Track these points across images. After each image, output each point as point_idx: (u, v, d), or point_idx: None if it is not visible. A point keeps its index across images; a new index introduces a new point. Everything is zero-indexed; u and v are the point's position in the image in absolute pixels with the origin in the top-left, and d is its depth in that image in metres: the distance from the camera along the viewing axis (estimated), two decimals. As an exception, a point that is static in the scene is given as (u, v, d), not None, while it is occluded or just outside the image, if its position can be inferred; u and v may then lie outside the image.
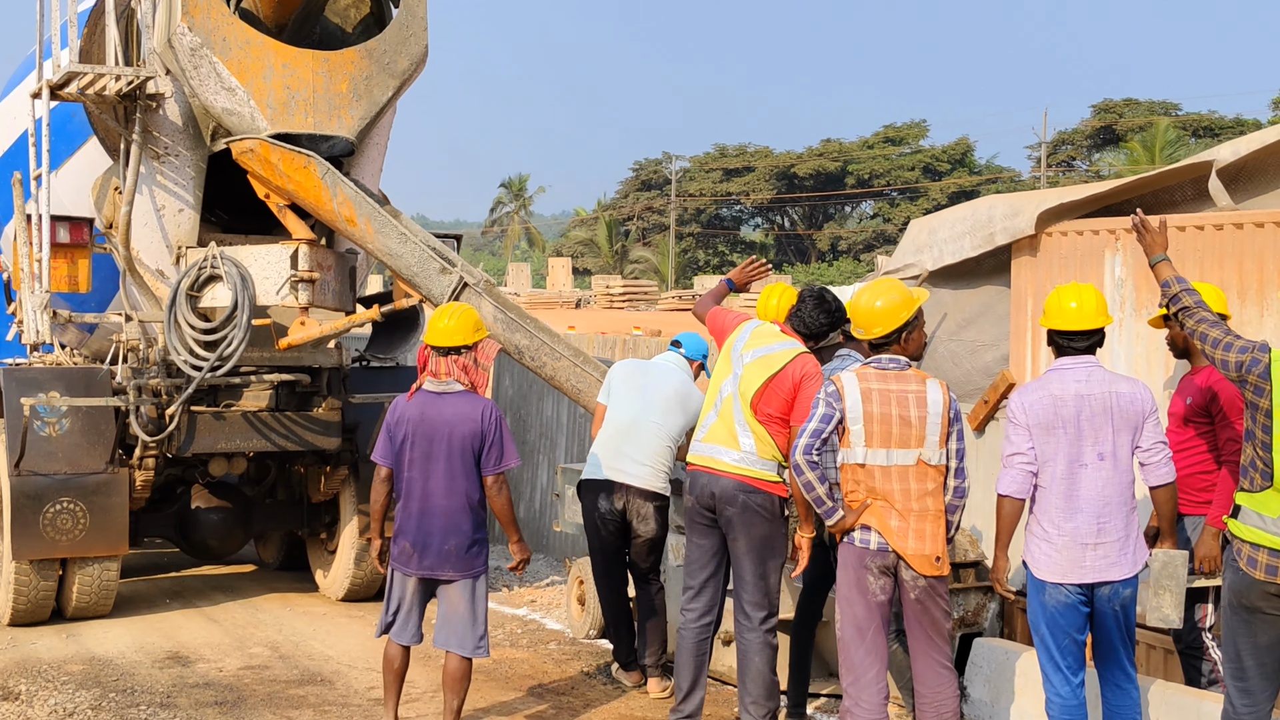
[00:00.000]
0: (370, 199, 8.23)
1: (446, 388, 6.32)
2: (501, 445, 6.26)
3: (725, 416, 6.22)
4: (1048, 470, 5.36)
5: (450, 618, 6.34)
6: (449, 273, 8.19)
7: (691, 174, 73.17)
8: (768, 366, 6.15)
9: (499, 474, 6.26)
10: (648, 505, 7.36)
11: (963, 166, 67.49)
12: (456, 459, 6.23)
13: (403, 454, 6.38)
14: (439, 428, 6.26)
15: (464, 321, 6.39)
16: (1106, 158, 60.06)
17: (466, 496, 6.26)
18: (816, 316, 6.35)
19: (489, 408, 6.28)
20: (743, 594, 6.22)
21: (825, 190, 68.50)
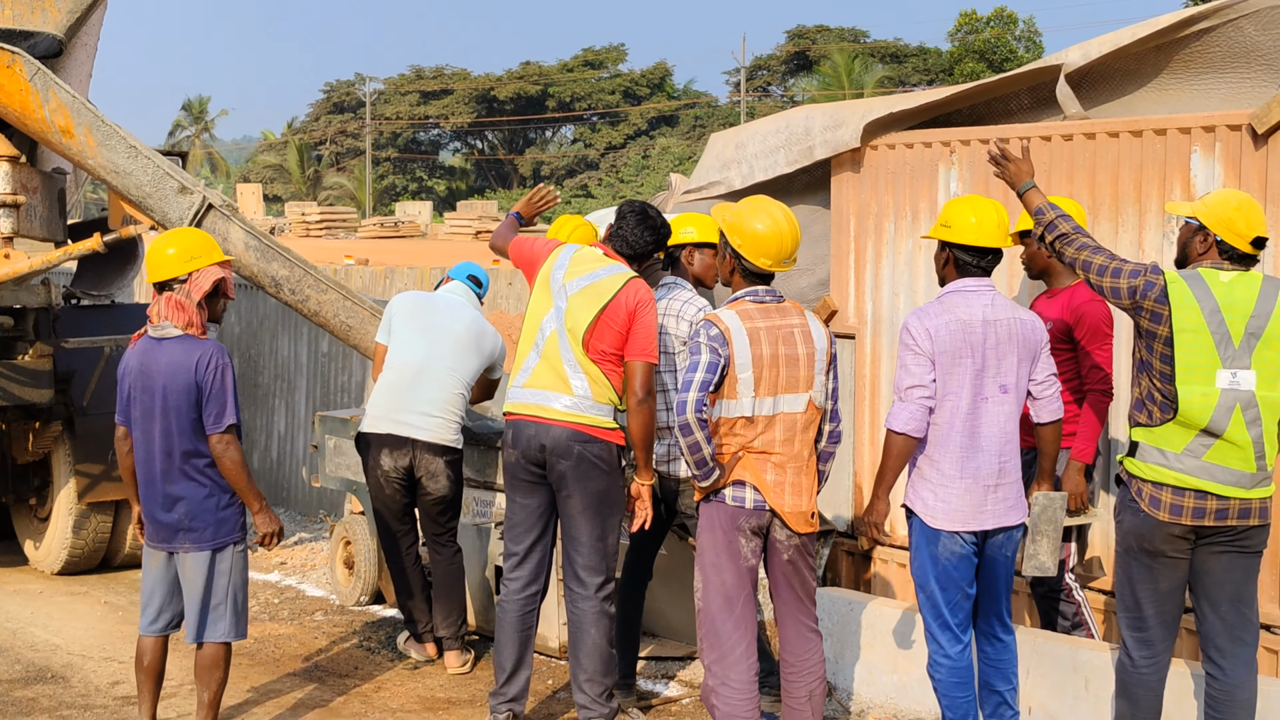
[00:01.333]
0: (91, 106, 6.96)
1: (163, 332, 5.31)
2: (223, 399, 5.30)
3: (550, 357, 5.41)
4: (949, 405, 4.80)
5: (189, 597, 5.38)
6: (189, 193, 7.04)
7: (387, 96, 70.92)
8: (597, 297, 5.36)
9: (223, 432, 5.30)
10: (438, 460, 6.50)
11: (662, 91, 67.80)
12: (173, 416, 5.26)
13: (130, 409, 5.39)
14: (155, 379, 5.28)
15: (180, 249, 5.35)
16: (801, 83, 61.38)
17: (188, 458, 5.29)
18: (641, 234, 5.55)
19: (208, 353, 5.28)
20: (576, 558, 5.47)
21: (526, 114, 67.60)
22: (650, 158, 59.67)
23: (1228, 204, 4.50)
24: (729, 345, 4.66)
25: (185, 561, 5.34)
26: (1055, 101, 6.01)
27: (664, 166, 57.15)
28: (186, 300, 5.30)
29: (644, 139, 64.54)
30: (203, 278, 5.35)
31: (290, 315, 10.96)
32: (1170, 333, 4.42)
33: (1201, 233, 4.52)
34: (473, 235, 52.41)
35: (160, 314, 5.29)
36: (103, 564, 8.87)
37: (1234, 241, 4.46)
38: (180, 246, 5.33)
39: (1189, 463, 4.45)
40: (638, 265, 5.57)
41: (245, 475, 5.34)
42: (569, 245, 5.60)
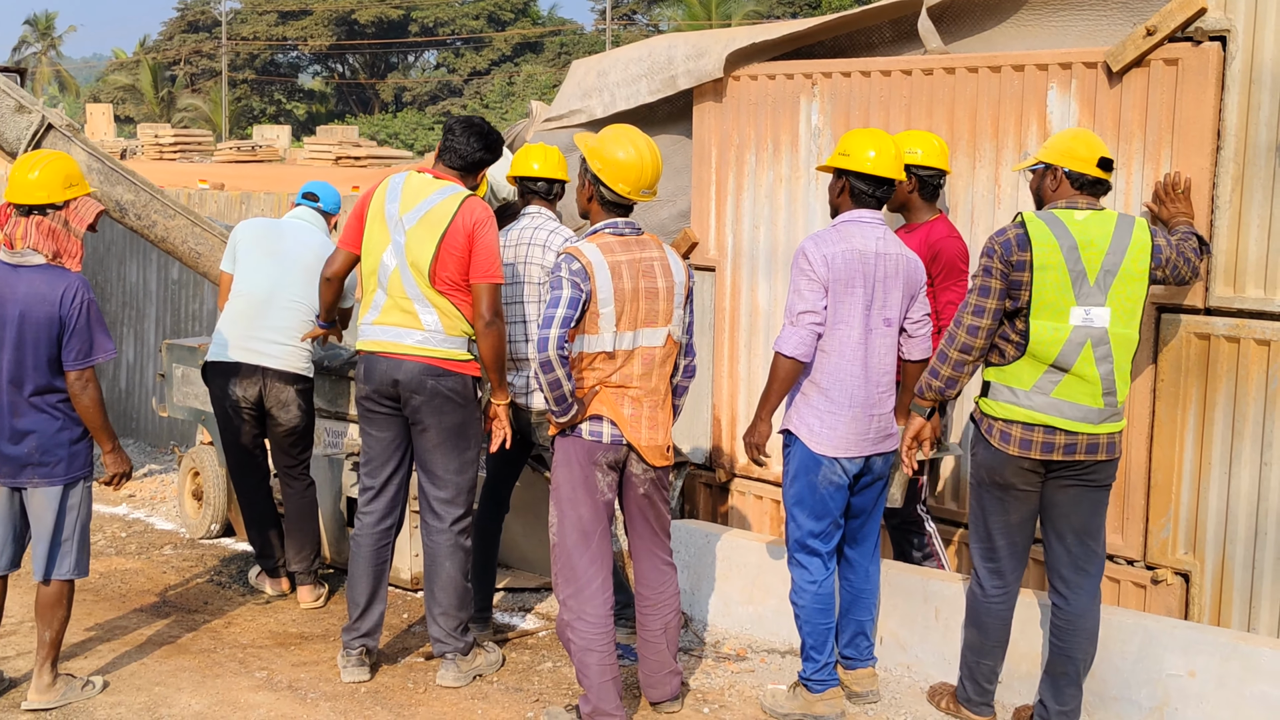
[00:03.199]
0: (-84, 18, 6.57)
1: (23, 259, 5.04)
2: (89, 334, 5.06)
3: (396, 294, 5.25)
4: (840, 332, 4.79)
5: (37, 532, 5.17)
6: (26, 112, 6.70)
7: (243, 16, 68.85)
8: (434, 226, 5.18)
9: (83, 369, 5.08)
10: (289, 389, 6.33)
11: (526, 16, 66.91)
12: (28, 349, 5.01)
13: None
14: (8, 308, 5.01)
15: (53, 173, 5.09)
16: (666, 12, 61.01)
17: (40, 392, 5.05)
18: (469, 142, 5.33)
19: (73, 287, 5.03)
20: (432, 491, 5.36)
21: (387, 38, 66.21)
22: (515, 84, 58.98)
23: (1064, 137, 4.61)
24: (591, 280, 4.57)
25: (34, 497, 5.11)
26: (917, 36, 5.98)
27: (529, 93, 56.54)
28: (63, 229, 5.04)
29: (508, 65, 63.73)
30: (84, 208, 5.09)
31: (140, 242, 10.58)
32: (1030, 274, 4.45)
33: (1050, 172, 4.59)
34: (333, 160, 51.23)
35: (24, 239, 5.00)
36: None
37: (1080, 167, 4.52)
38: (56, 170, 5.05)
39: (1038, 399, 4.50)
40: (472, 179, 5.42)
41: (102, 414, 5.12)
42: (397, 175, 5.42)
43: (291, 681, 5.48)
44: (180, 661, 5.72)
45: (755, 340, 6.56)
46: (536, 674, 5.58)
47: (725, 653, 5.77)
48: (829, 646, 4.99)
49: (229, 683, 5.47)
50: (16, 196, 5.07)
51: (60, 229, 5.09)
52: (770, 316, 6.47)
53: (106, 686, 5.38)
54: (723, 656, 5.73)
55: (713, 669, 5.61)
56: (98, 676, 5.42)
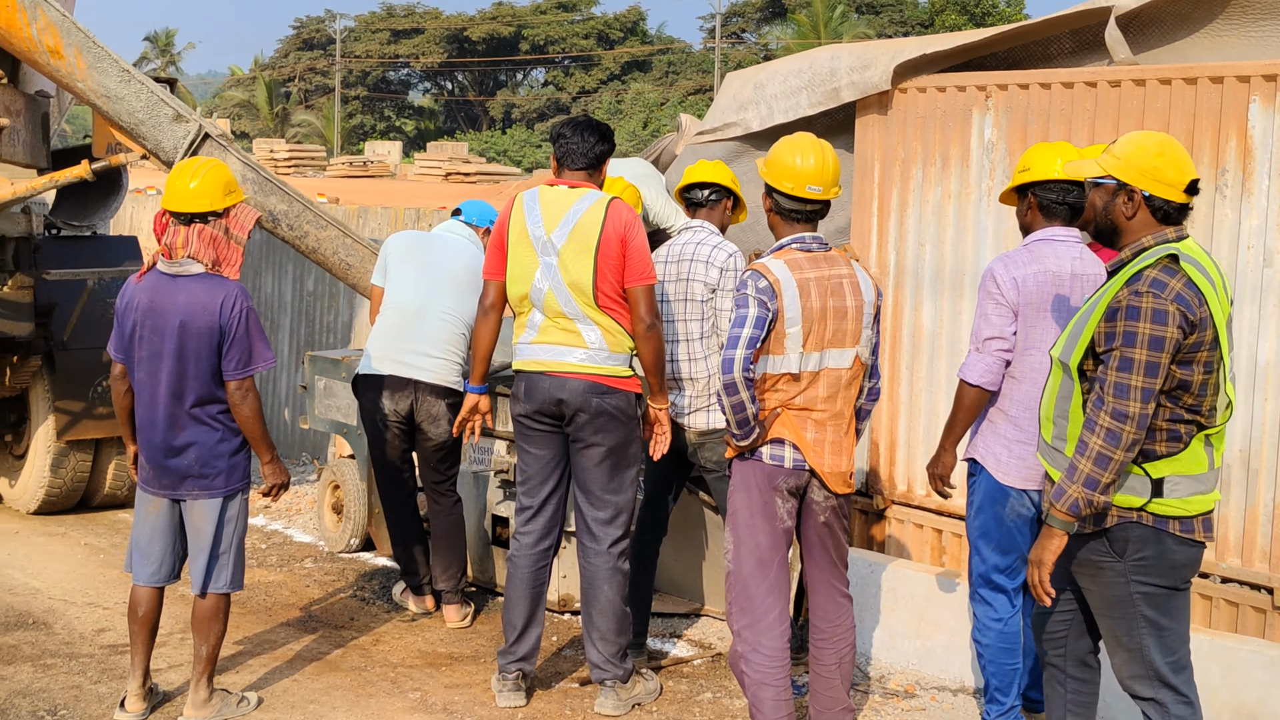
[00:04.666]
0: (81, 27, 6.56)
1: (182, 268, 4.96)
2: (249, 343, 4.97)
3: (554, 314, 5.07)
4: (1030, 358, 4.53)
5: (196, 545, 5.09)
6: (184, 121, 6.67)
7: (357, 34, 69.89)
8: (585, 241, 5.00)
9: (243, 379, 4.98)
10: (440, 404, 6.21)
11: (635, 35, 67.10)
12: (189, 359, 4.92)
13: (133, 349, 5.04)
14: (168, 319, 4.92)
15: (213, 180, 5.00)
16: (775, 31, 60.79)
17: (201, 404, 4.98)
18: (585, 139, 5.16)
19: (232, 295, 4.95)
20: (591, 512, 5.19)
21: (497, 56, 66.76)
22: (624, 102, 59.06)
23: (1147, 150, 3.70)
24: (778, 298, 4.36)
25: (193, 509, 5.03)
26: (1098, 46, 5.72)
27: (637, 112, 56.62)
28: (224, 237, 4.97)
29: (616, 84, 63.92)
30: (244, 215, 5.03)
31: (275, 251, 10.60)
32: (1213, 333, 3.65)
33: (1125, 193, 3.71)
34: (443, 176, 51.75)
35: (184, 248, 4.94)
36: (80, 504, 8.55)
37: (1167, 193, 3.68)
38: (216, 177, 4.98)
39: (1211, 478, 3.76)
40: (599, 175, 5.25)
41: (261, 424, 5.03)
42: (528, 192, 5.25)
43: (446, 704, 5.33)
44: (332, 679, 5.60)
45: (918, 362, 6.31)
46: (696, 704, 5.38)
47: (892, 689, 5.52)
48: (1015, 689, 4.72)
49: (383, 704, 5.34)
50: (176, 204, 5.00)
51: (221, 236, 5.01)
52: (935, 338, 6.23)
53: (261, 703, 5.28)
54: (890, 693, 5.48)
55: (880, 706, 5.36)
56: (252, 693, 5.32)
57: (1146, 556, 3.68)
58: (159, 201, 5.25)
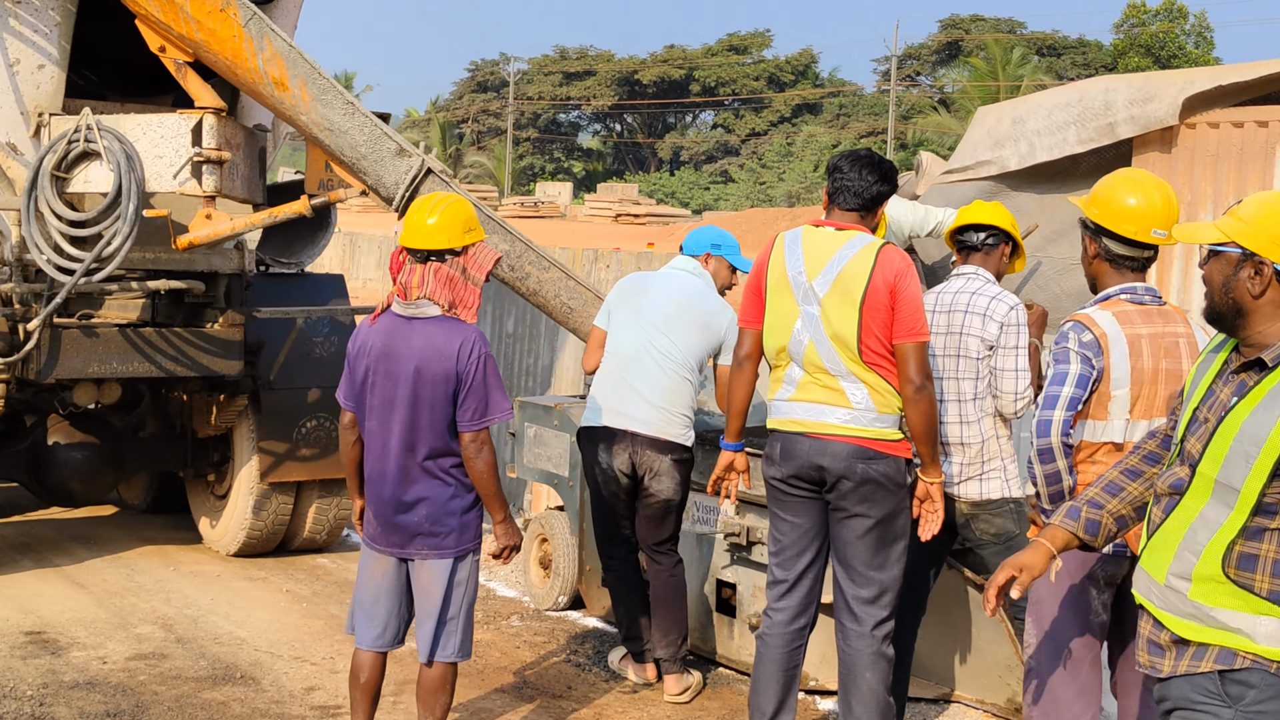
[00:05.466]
0: (307, 58, 6.35)
1: (418, 310, 4.63)
2: (485, 392, 4.60)
3: (815, 368, 4.60)
4: None
5: (424, 609, 4.72)
6: (406, 156, 6.41)
7: (529, 77, 70.81)
8: (851, 291, 4.53)
9: (479, 430, 4.62)
10: (662, 459, 5.78)
11: (806, 78, 66.70)
12: (423, 408, 4.58)
13: (364, 396, 4.72)
14: (403, 364, 4.60)
15: (453, 217, 4.67)
16: (951, 74, 59.75)
17: (434, 456, 4.62)
18: (863, 177, 4.68)
19: (470, 340, 4.60)
20: (852, 589, 4.69)
21: (667, 98, 66.95)
22: (794, 145, 58.60)
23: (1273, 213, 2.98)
24: (1104, 355, 3.85)
25: (422, 570, 4.68)
26: None
27: (809, 154, 56.08)
28: (460, 277, 4.64)
29: (786, 126, 63.53)
30: (482, 255, 4.69)
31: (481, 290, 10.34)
32: None
33: (1250, 264, 2.99)
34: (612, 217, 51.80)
35: (419, 288, 4.62)
36: (279, 547, 8.34)
37: None
38: (456, 214, 4.67)
39: None
40: (872, 218, 4.76)
41: (496, 480, 4.66)
42: (790, 233, 4.79)
43: (683, 792, 4.89)
44: (557, 757, 5.20)
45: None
46: (962, 806, 4.84)
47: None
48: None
49: (615, 788, 4.92)
50: (413, 241, 4.69)
51: (458, 277, 4.67)
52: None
53: (486, 782, 4.90)
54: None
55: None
56: (476, 769, 4.94)
57: (1265, 711, 2.99)
58: (377, 240, 4.94)
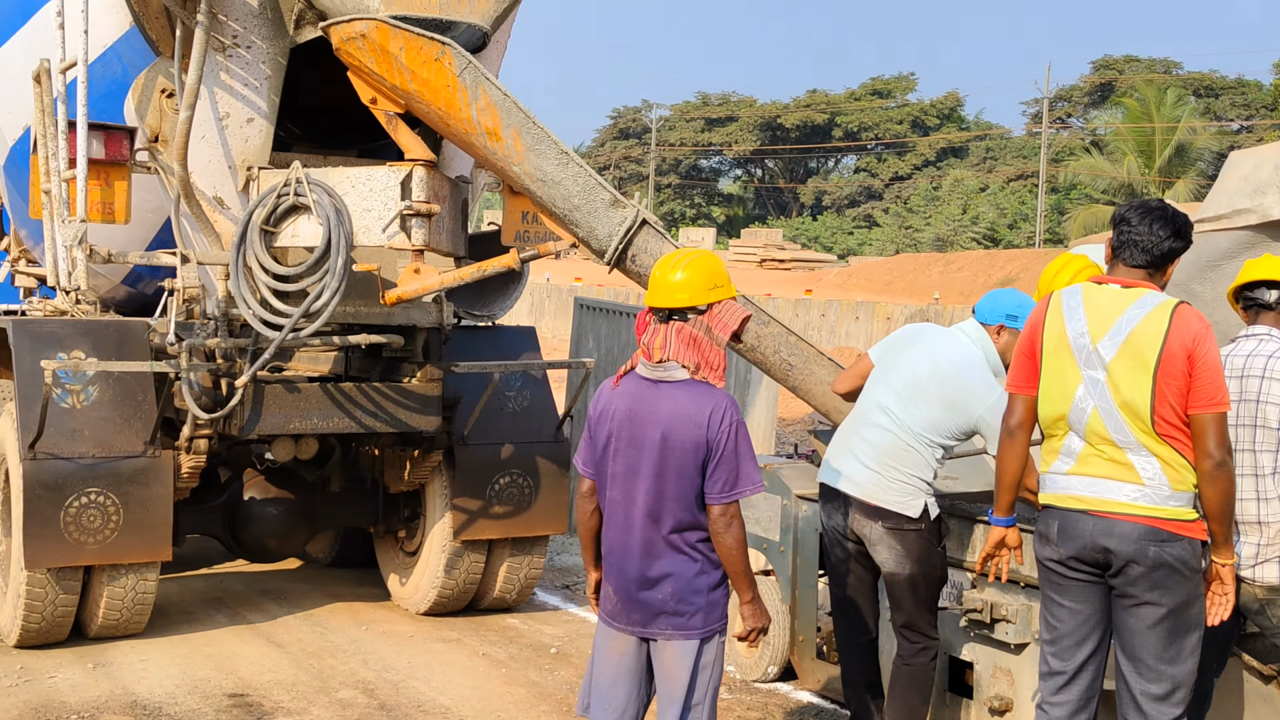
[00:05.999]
0: (522, 107, 6.17)
1: (665, 373, 4.35)
2: (736, 463, 4.29)
3: (1099, 439, 4.22)
4: None
5: (667, 694, 4.40)
6: (621, 207, 6.18)
7: (671, 123, 71.07)
8: (1143, 355, 4.16)
9: (729, 503, 4.31)
10: (873, 526, 5.33)
11: (951, 121, 65.85)
12: (670, 478, 4.29)
13: (605, 462, 4.44)
14: (648, 430, 4.31)
15: (698, 272, 4.39)
16: (1103, 116, 58.44)
17: (680, 529, 4.32)
18: (1153, 231, 4.30)
19: (721, 407, 4.29)
20: (1140, 684, 4.27)
21: (810, 142, 66.63)
22: (941, 189, 57.77)
23: None
24: None
25: (665, 651, 4.38)
26: None
27: (955, 198, 55.24)
28: (705, 337, 4.36)
29: (930, 169, 62.73)
30: (728, 313, 4.40)
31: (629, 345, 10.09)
32: None
33: None
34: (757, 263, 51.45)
35: (662, 349, 4.36)
36: (470, 606, 8.14)
37: None
38: (700, 269, 4.40)
39: None
40: (1161, 277, 4.37)
41: (745, 556, 4.35)
42: (1068, 290, 4.41)
43: None
44: None
45: None
46: None
47: None
48: None
49: None
50: (656, 299, 4.43)
51: (702, 337, 4.39)
52: None
53: None
54: None
55: None
56: None
57: None
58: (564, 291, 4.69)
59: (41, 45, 7.43)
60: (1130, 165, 47.91)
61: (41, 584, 6.84)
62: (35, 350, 6.87)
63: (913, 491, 5.36)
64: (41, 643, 7.03)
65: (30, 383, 6.83)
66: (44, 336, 6.98)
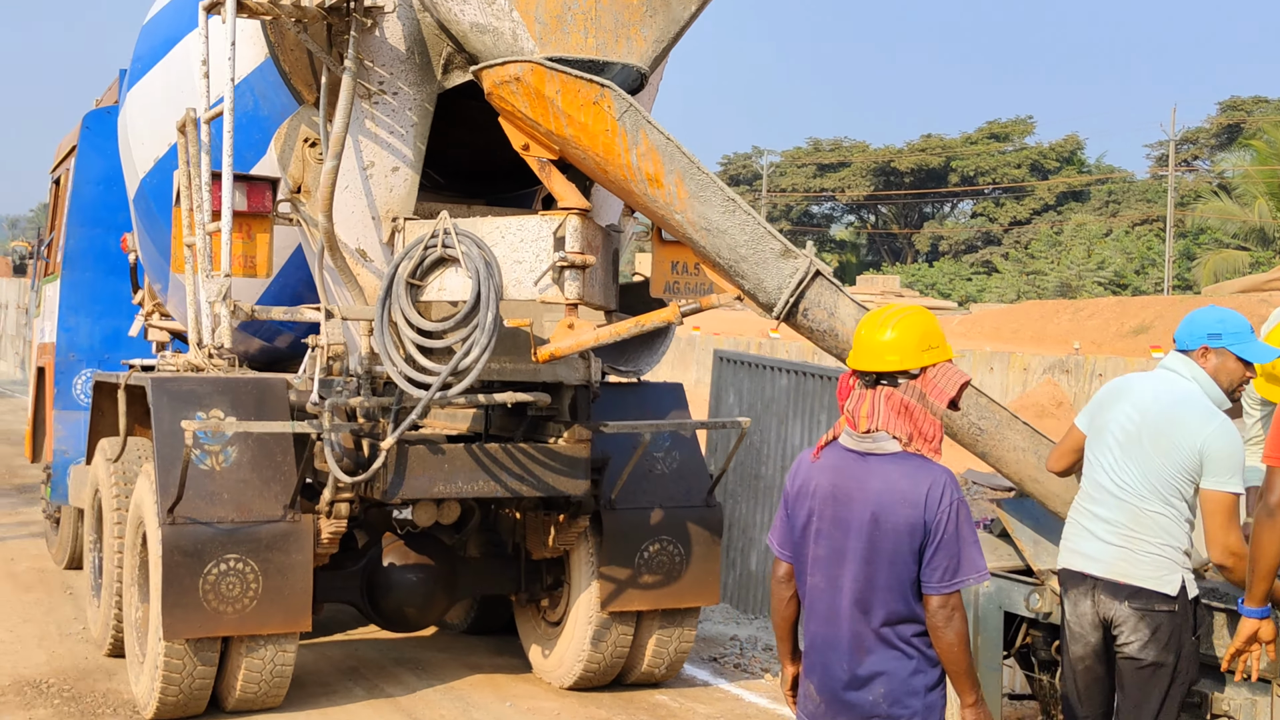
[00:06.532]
0: (685, 150, 5.79)
1: (874, 445, 3.91)
2: (958, 548, 3.82)
3: None
4: None
5: None
6: (791, 257, 5.76)
7: (782, 169, 70.64)
8: None
9: (950, 594, 3.84)
10: (1120, 606, 4.71)
11: (1071, 164, 64.56)
12: (881, 564, 3.85)
13: (805, 544, 4.01)
14: (856, 509, 3.88)
15: (908, 331, 3.96)
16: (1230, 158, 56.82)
17: (893, 622, 3.87)
18: None
19: (940, 484, 3.84)
20: None
21: (924, 187, 65.75)
22: (1063, 234, 56.54)
23: None
24: None
25: None
26: None
27: (1078, 243, 54.02)
28: (919, 405, 3.92)
29: (1050, 214, 61.50)
30: (944, 378, 3.95)
31: (805, 400, 9.65)
32: None
33: None
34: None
35: (870, 418, 3.92)
36: (616, 681, 7.71)
37: None
38: (911, 328, 3.97)
39: None
40: None
41: (968, 653, 3.87)
42: None
43: None
44: None
45: None
46: None
47: None
48: None
49: None
50: (862, 361, 4.00)
51: (915, 404, 3.94)
52: None
53: None
54: None
55: None
56: None
57: None
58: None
59: (178, 78, 7.29)
60: (1261, 208, 46.40)
61: (179, 655, 6.56)
62: (175, 410, 6.62)
63: (1166, 564, 4.71)
64: (178, 716, 6.75)
65: (169, 443, 6.59)
66: (183, 395, 6.74)
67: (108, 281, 10.63)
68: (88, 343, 10.69)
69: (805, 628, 4.06)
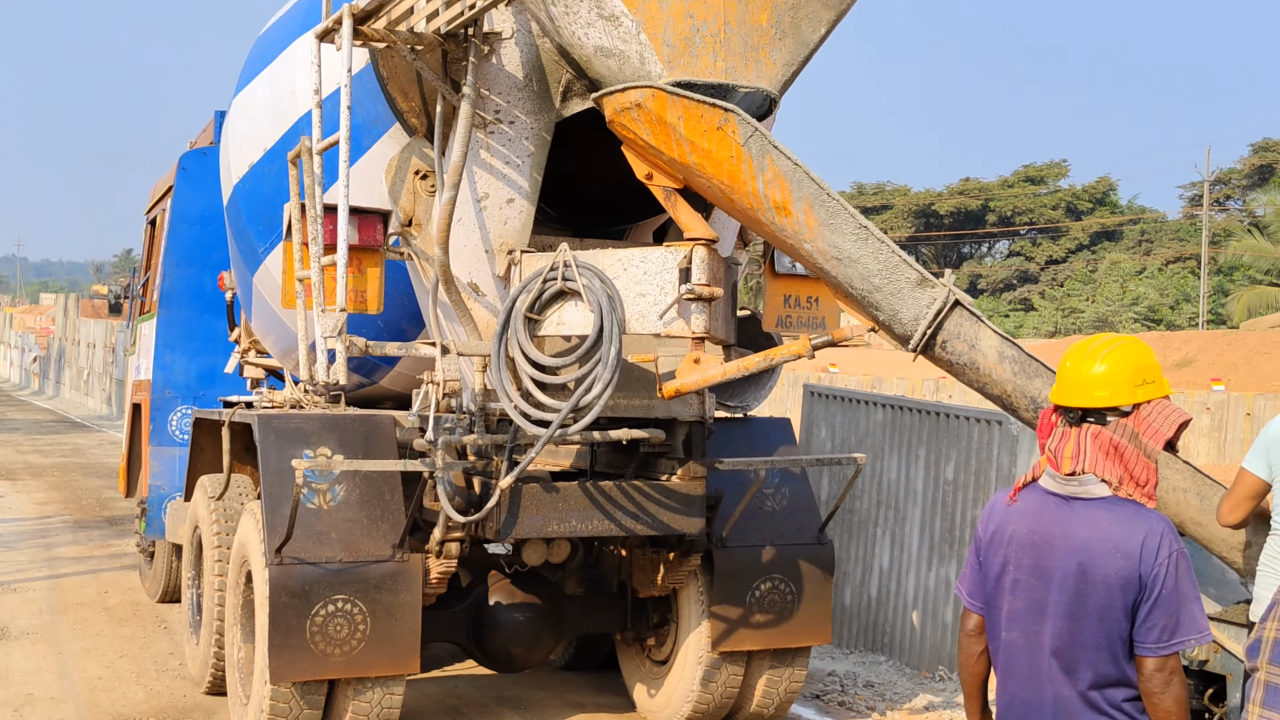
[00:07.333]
0: (814, 176, 5.28)
1: (1080, 489, 3.38)
2: (1177, 605, 3.28)
3: None
4: None
5: None
6: (928, 287, 5.21)
7: (826, 212, 70.08)
8: None
9: (1168, 655, 3.28)
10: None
11: (1104, 205, 63.67)
12: (1088, 620, 3.31)
13: (999, 596, 3.47)
14: (1059, 559, 3.36)
15: (1121, 364, 3.44)
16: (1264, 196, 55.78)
17: (1101, 685, 3.31)
18: None
19: (1158, 534, 3.31)
20: None
21: (963, 229, 65.02)
22: (1097, 271, 55.63)
23: None
24: None
25: None
26: None
27: (1112, 281, 53.09)
28: (1131, 445, 3.38)
29: (1085, 253, 60.63)
30: (1160, 416, 3.42)
31: (902, 433, 9.08)
32: None
33: None
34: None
35: (1074, 459, 3.39)
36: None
37: None
38: (1125, 361, 3.44)
39: None
40: None
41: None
42: None
43: None
44: None
45: None
46: None
47: None
48: None
49: None
50: (1066, 396, 3.48)
51: (1126, 445, 3.40)
52: None
53: None
54: None
55: None
56: None
57: None
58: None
59: (280, 86, 6.90)
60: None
61: (285, 698, 6.07)
62: (282, 448, 6.16)
63: None
64: (283, 760, 6.25)
65: (277, 481, 6.12)
66: (290, 433, 6.27)
67: (203, 319, 10.22)
68: (183, 379, 10.27)
69: (1000, 688, 3.51)
